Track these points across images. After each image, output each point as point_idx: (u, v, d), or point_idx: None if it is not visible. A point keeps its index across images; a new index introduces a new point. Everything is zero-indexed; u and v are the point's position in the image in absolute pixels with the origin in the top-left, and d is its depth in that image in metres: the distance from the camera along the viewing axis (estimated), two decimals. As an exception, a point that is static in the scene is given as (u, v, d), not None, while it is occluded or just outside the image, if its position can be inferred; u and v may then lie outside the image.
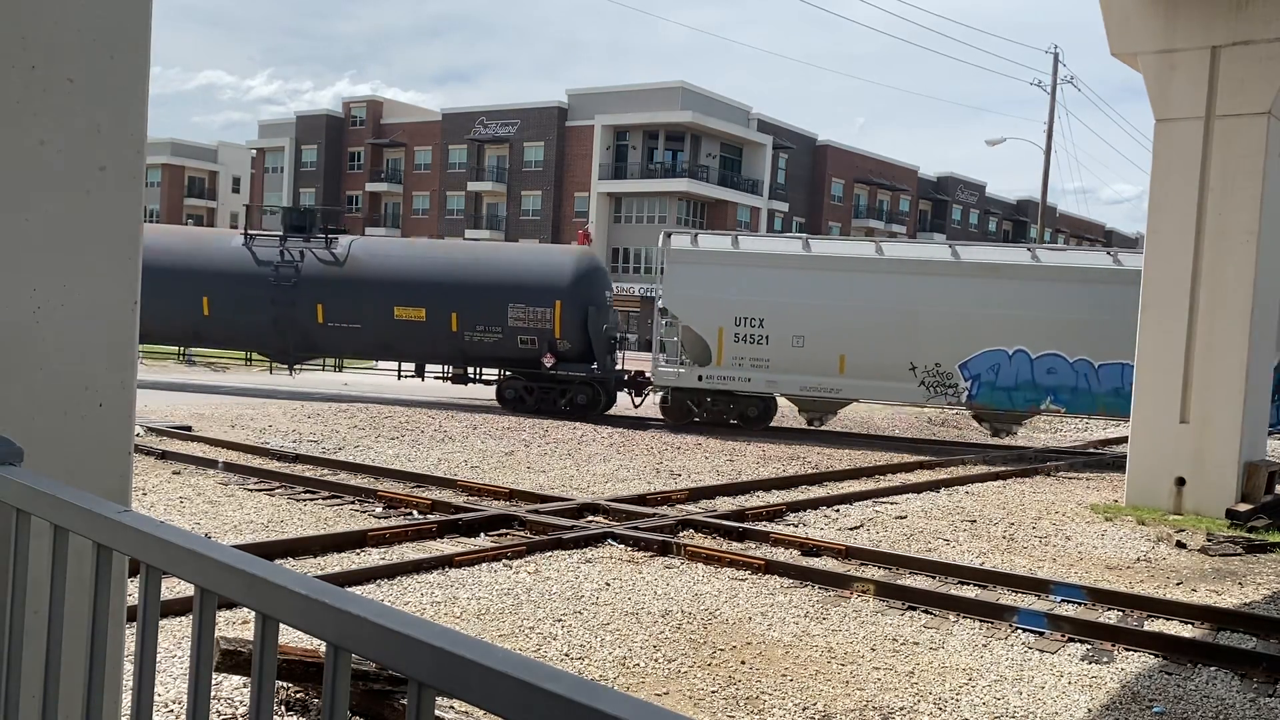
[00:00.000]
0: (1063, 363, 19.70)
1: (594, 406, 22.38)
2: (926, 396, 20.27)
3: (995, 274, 19.93)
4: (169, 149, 78.53)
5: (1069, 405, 19.86)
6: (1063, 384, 19.71)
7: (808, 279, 20.61)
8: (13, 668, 1.83)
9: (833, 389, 20.61)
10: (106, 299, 2.63)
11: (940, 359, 20.06)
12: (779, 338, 20.55)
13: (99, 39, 2.56)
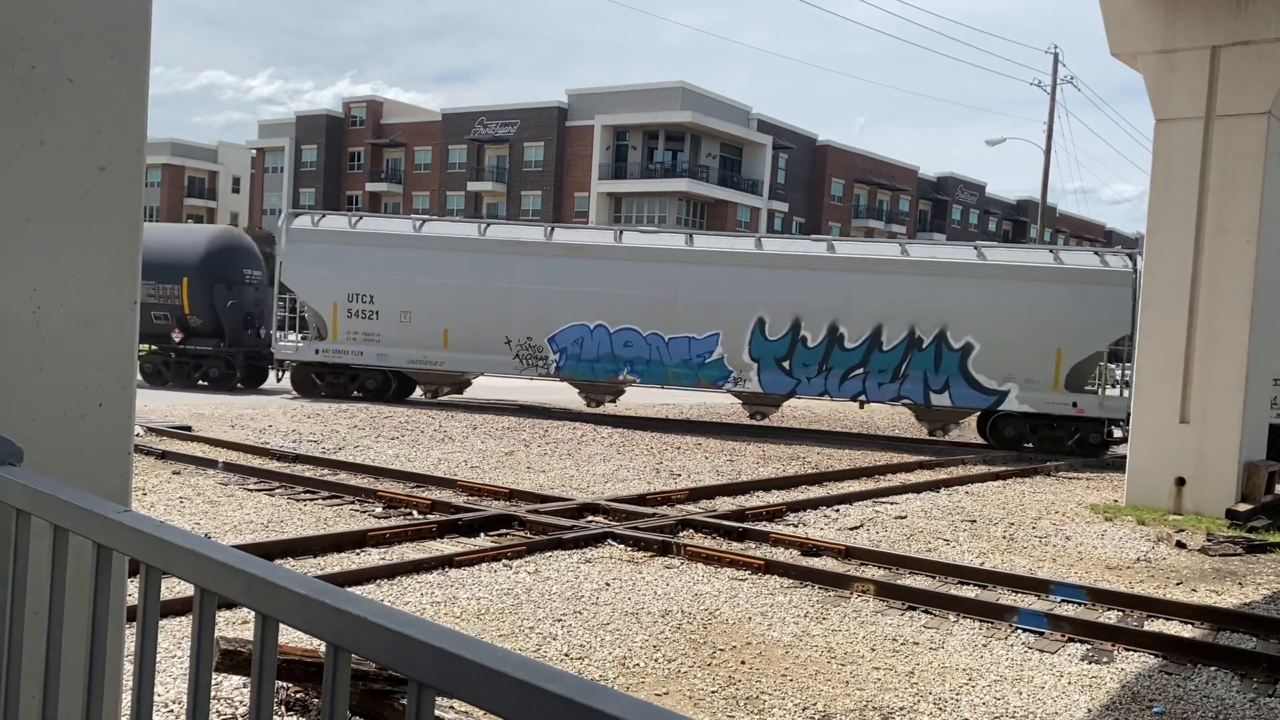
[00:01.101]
0: (637, 336, 21.68)
1: (228, 380, 24.37)
2: (519, 368, 22.15)
3: (580, 254, 21.74)
4: (169, 149, 78.50)
5: (643, 376, 21.84)
6: (638, 356, 21.71)
7: (415, 258, 22.13)
8: (13, 668, 1.83)
9: (437, 362, 22.40)
10: (106, 299, 2.63)
11: (531, 333, 21.91)
12: (388, 313, 22.15)
13: (99, 39, 2.56)
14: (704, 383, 21.55)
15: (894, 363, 20.49)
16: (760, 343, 21.08)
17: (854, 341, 20.64)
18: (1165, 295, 13.53)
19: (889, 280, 20.54)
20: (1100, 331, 19.66)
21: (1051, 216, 78.45)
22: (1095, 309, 19.49)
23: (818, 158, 70.04)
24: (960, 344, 20.17)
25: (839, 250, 21.25)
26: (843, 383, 20.77)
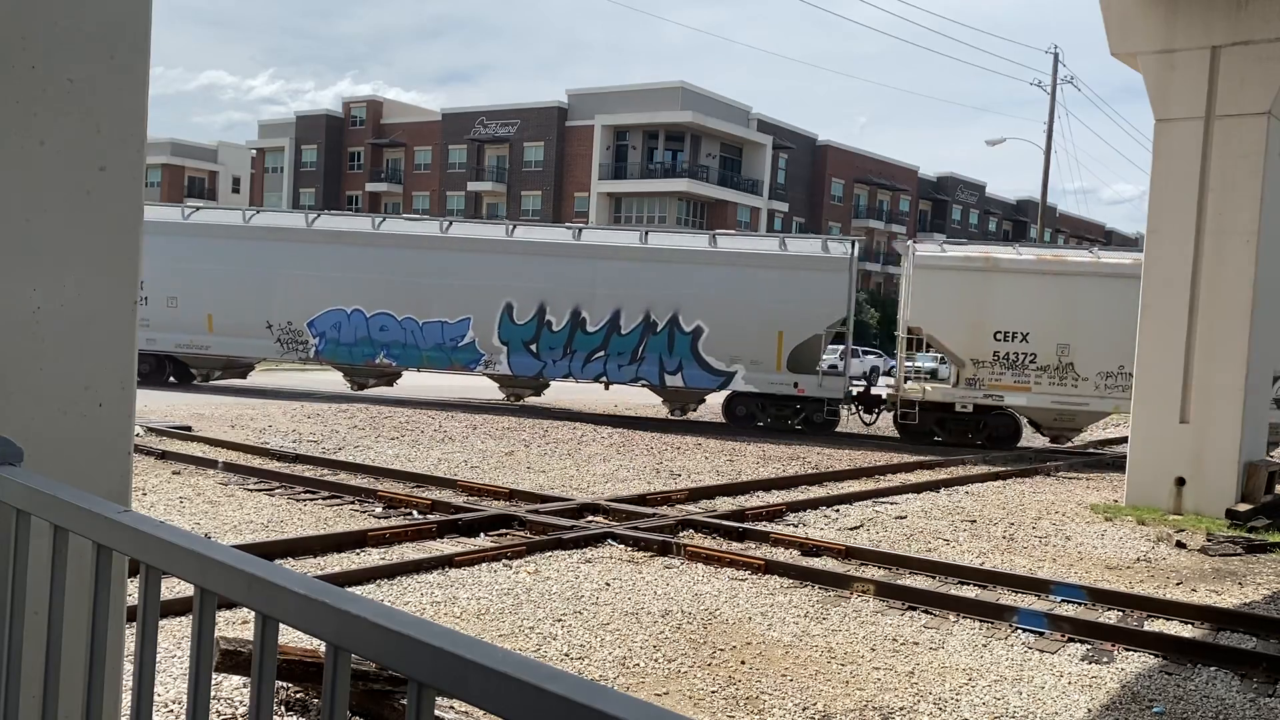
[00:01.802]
0: (393, 321, 22.53)
1: None
2: (281, 352, 22.89)
3: (338, 240, 22.46)
4: (169, 149, 78.46)
5: (399, 359, 22.67)
6: (394, 340, 22.55)
7: (182, 245, 22.78)
8: (13, 668, 1.83)
9: (204, 346, 23.12)
10: (106, 299, 2.63)
11: (292, 318, 22.64)
12: (156, 298, 22.63)
13: (99, 39, 2.56)
14: (457, 365, 22.56)
15: (632, 345, 21.57)
16: (509, 327, 22.08)
17: (595, 325, 21.68)
18: (1165, 295, 13.54)
19: (628, 266, 21.55)
20: (819, 315, 20.79)
21: (1051, 216, 78.45)
22: (815, 294, 20.69)
23: (818, 158, 70.04)
24: (691, 327, 21.32)
25: (583, 238, 22.28)
26: (585, 365, 21.80)
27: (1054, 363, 19.70)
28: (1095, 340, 19.32)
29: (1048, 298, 19.61)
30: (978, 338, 19.95)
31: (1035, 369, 19.71)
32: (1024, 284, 19.75)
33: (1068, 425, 20.24)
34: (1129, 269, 18.33)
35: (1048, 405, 19.82)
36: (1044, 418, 20.20)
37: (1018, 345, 19.81)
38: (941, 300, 20.01)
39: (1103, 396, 19.54)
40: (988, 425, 20.42)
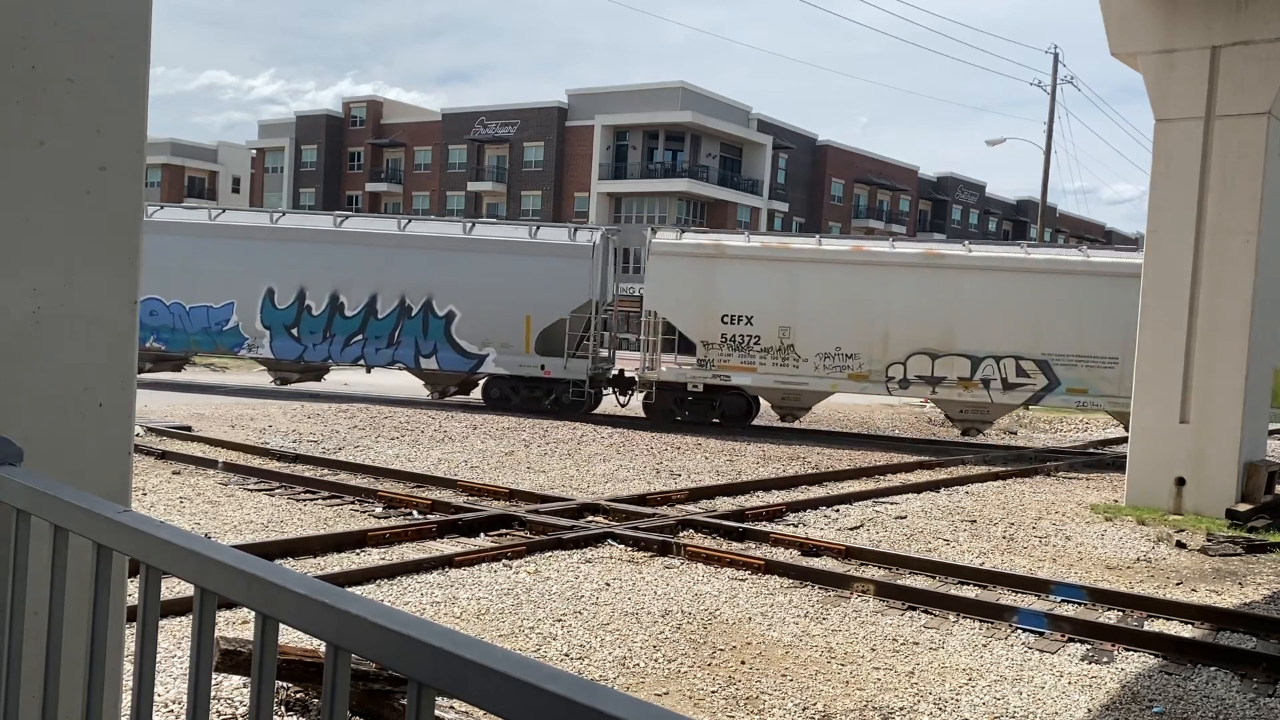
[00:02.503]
0: (161, 305, 23.27)
1: None
2: None
3: None
4: (169, 149, 78.48)
5: (169, 343, 23.43)
6: (163, 324, 23.26)
7: None
8: (13, 668, 1.83)
9: None
10: (106, 299, 2.63)
11: None
12: None
13: (99, 39, 2.56)
14: (222, 349, 23.39)
15: (388, 329, 22.49)
16: (270, 311, 22.92)
17: (353, 310, 22.59)
18: (1165, 295, 13.53)
19: (385, 253, 22.42)
20: (564, 300, 21.72)
21: (1051, 216, 78.45)
22: (561, 280, 21.68)
23: (818, 158, 70.04)
24: (444, 312, 22.28)
25: (343, 225, 23.05)
26: (345, 348, 22.72)
27: (776, 344, 20.69)
28: (814, 324, 20.49)
29: (771, 283, 20.68)
30: (707, 321, 20.90)
31: (760, 350, 20.71)
32: (749, 270, 20.83)
33: (794, 404, 21.17)
34: (846, 255, 20.60)
35: (772, 385, 20.86)
36: (771, 396, 21.26)
37: (743, 328, 20.82)
38: (675, 286, 21.08)
39: (821, 377, 20.62)
40: (721, 404, 21.43)
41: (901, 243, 21.47)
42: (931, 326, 20.02)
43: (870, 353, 20.31)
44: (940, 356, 20.04)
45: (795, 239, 22.68)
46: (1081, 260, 19.87)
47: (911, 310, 20.07)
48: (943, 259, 20.34)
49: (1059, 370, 19.60)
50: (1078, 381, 19.56)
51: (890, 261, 20.41)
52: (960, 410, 20.49)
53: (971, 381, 19.95)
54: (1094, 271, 19.38)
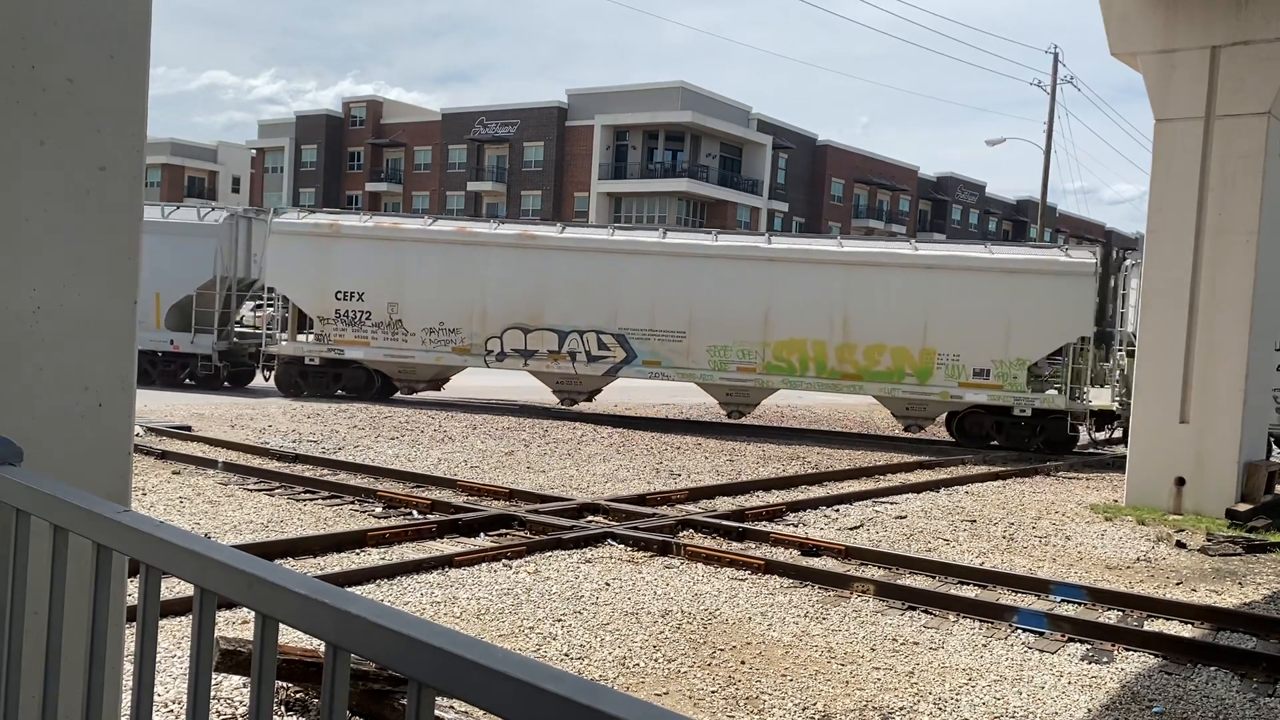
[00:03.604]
0: None
1: None
2: None
3: None
4: (169, 149, 78.46)
5: None
6: None
7: None
8: (13, 668, 1.83)
9: None
10: (106, 299, 2.63)
11: None
12: None
13: (99, 39, 2.56)
14: None
15: None
16: None
17: None
18: (1165, 295, 13.53)
19: None
20: (189, 278, 22.84)
21: (1051, 216, 78.43)
22: (186, 258, 22.72)
23: (818, 158, 70.03)
24: None
25: None
26: None
27: (386, 320, 21.98)
28: (419, 300, 21.77)
29: (381, 262, 21.89)
30: (323, 298, 22.11)
31: (371, 325, 22.01)
32: (362, 249, 22.06)
33: (409, 377, 22.37)
34: (449, 235, 21.82)
35: (383, 358, 22.10)
36: (388, 369, 22.29)
37: (355, 304, 22.07)
38: (293, 264, 22.21)
39: (428, 350, 21.91)
40: (344, 378, 22.66)
41: (505, 225, 22.93)
42: (523, 303, 21.60)
43: (470, 328, 21.75)
44: (532, 331, 21.59)
45: (406, 220, 23.55)
46: (655, 242, 21.61)
47: (505, 288, 21.62)
48: (534, 239, 21.87)
49: (635, 344, 21.20)
50: (652, 354, 21.20)
51: (487, 242, 21.79)
52: (557, 382, 21.80)
53: (559, 354, 21.50)
54: (667, 253, 21.17)
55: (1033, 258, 20.28)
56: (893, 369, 20.26)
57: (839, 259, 20.58)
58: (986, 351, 19.73)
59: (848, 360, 20.45)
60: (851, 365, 20.43)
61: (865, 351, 20.37)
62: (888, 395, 20.51)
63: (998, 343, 19.63)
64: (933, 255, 20.41)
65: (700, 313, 20.90)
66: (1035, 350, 19.63)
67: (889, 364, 20.28)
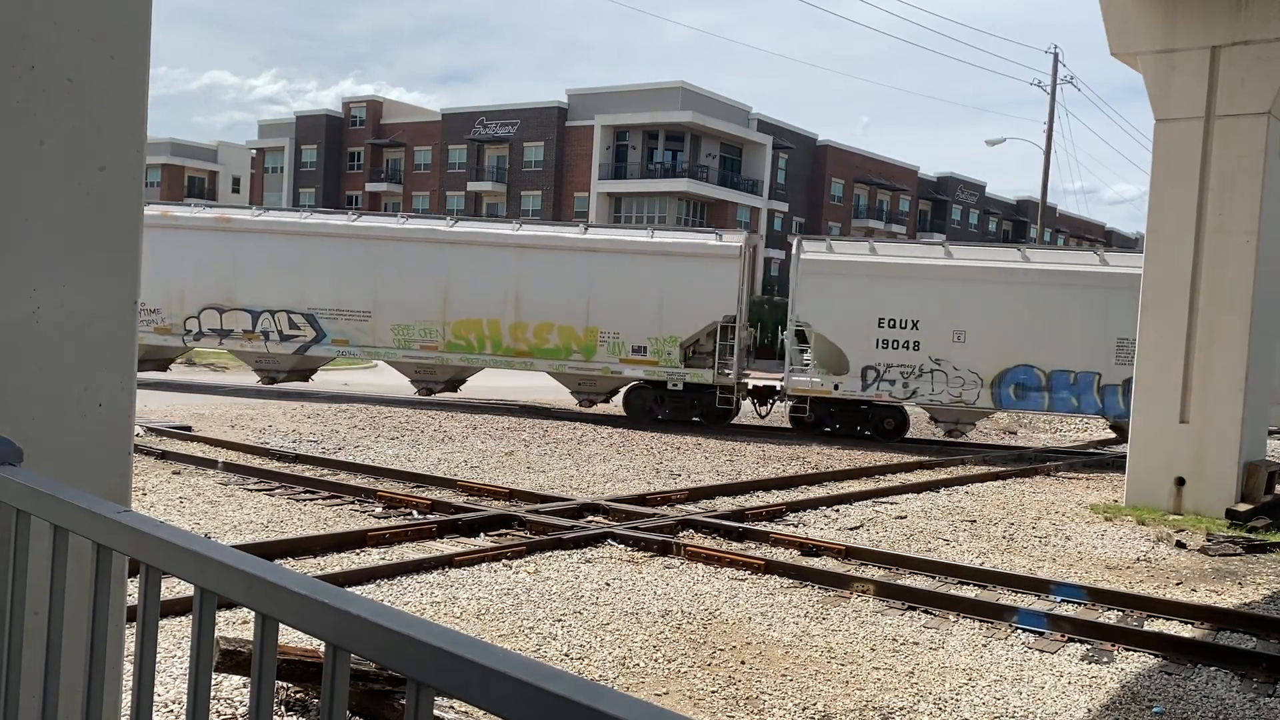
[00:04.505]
0: None
1: None
2: None
3: None
4: (169, 149, 78.43)
5: None
6: None
7: None
8: (13, 668, 1.83)
9: None
10: (106, 299, 2.63)
11: None
12: None
13: (99, 39, 2.56)
14: None
15: None
16: None
17: None
18: (1165, 295, 13.53)
19: None
20: None
21: (1051, 216, 78.44)
22: None
23: (818, 158, 70.02)
24: None
25: None
26: None
27: None
28: None
29: None
30: None
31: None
32: None
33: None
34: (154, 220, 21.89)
35: None
36: None
37: None
38: None
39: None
40: None
41: (205, 210, 23.98)
42: (220, 284, 22.67)
43: (170, 308, 22.78)
44: (227, 311, 22.76)
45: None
46: (341, 225, 22.76)
47: (202, 269, 22.60)
48: (230, 223, 22.95)
49: (324, 323, 22.36)
50: (340, 333, 22.32)
51: (185, 225, 22.88)
52: (256, 361, 23.12)
53: (254, 333, 22.61)
54: (352, 235, 22.28)
55: (684, 241, 21.77)
56: (560, 346, 21.51)
57: (512, 242, 21.80)
58: (643, 330, 21.11)
59: (520, 338, 21.73)
60: (524, 343, 21.71)
61: (536, 330, 21.63)
62: (558, 371, 21.79)
63: (653, 321, 21.03)
64: (596, 239, 21.71)
65: (384, 293, 21.99)
66: (686, 328, 20.96)
67: (557, 342, 21.50)
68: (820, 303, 20.10)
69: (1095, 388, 19.07)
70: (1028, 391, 19.37)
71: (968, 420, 20.30)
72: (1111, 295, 18.59)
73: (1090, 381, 19.10)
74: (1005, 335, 19.31)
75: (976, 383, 19.52)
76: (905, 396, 19.95)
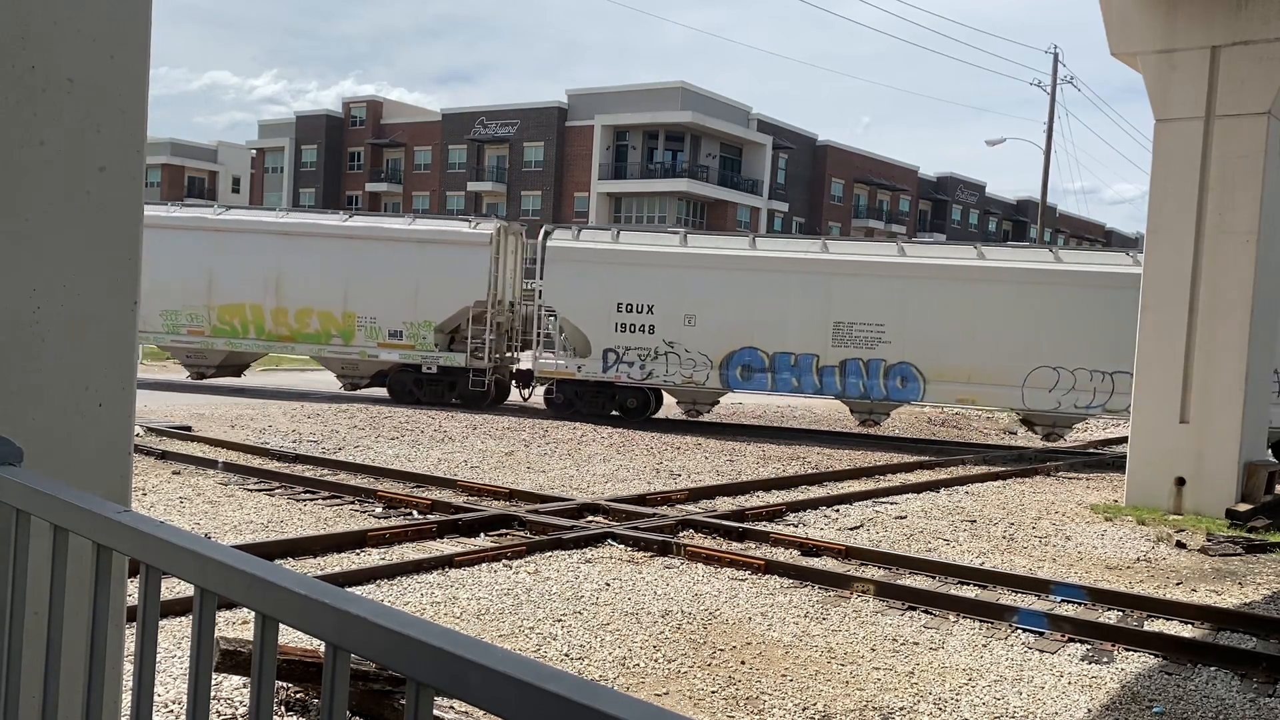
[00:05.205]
0: None
1: None
2: None
3: None
4: (169, 149, 78.45)
5: None
6: None
7: None
8: (13, 668, 1.83)
9: None
10: (106, 299, 2.63)
11: None
12: None
13: (99, 39, 2.56)
14: None
15: None
16: None
17: None
18: (1165, 295, 13.53)
19: None
20: None
21: (1051, 216, 78.44)
22: None
23: (818, 158, 70.03)
24: None
25: None
26: None
27: None
28: None
29: None
30: None
31: None
32: None
33: None
34: None
35: None
36: None
37: None
38: None
39: None
40: None
41: None
42: None
43: None
44: None
45: None
46: None
47: None
48: None
49: None
50: None
51: None
52: None
53: None
54: None
55: (437, 229, 22.70)
56: (320, 331, 22.21)
57: (274, 229, 22.42)
58: (400, 315, 21.90)
59: (282, 323, 22.36)
60: (286, 328, 22.38)
61: (296, 315, 22.34)
62: (319, 355, 22.53)
63: (409, 307, 21.81)
64: (354, 227, 22.44)
65: (152, 279, 22.75)
66: (440, 313, 21.79)
67: (317, 326, 22.23)
68: (565, 288, 21.03)
69: (814, 369, 20.09)
70: (753, 373, 20.37)
71: (704, 401, 21.15)
72: (833, 281, 19.89)
73: (810, 363, 20.10)
74: (731, 319, 20.33)
75: (706, 364, 20.53)
76: (643, 378, 20.87)
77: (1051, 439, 20.00)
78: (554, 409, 21.76)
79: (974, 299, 19.39)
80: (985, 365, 19.32)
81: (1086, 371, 19.03)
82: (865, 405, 20.16)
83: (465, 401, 22.14)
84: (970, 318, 19.41)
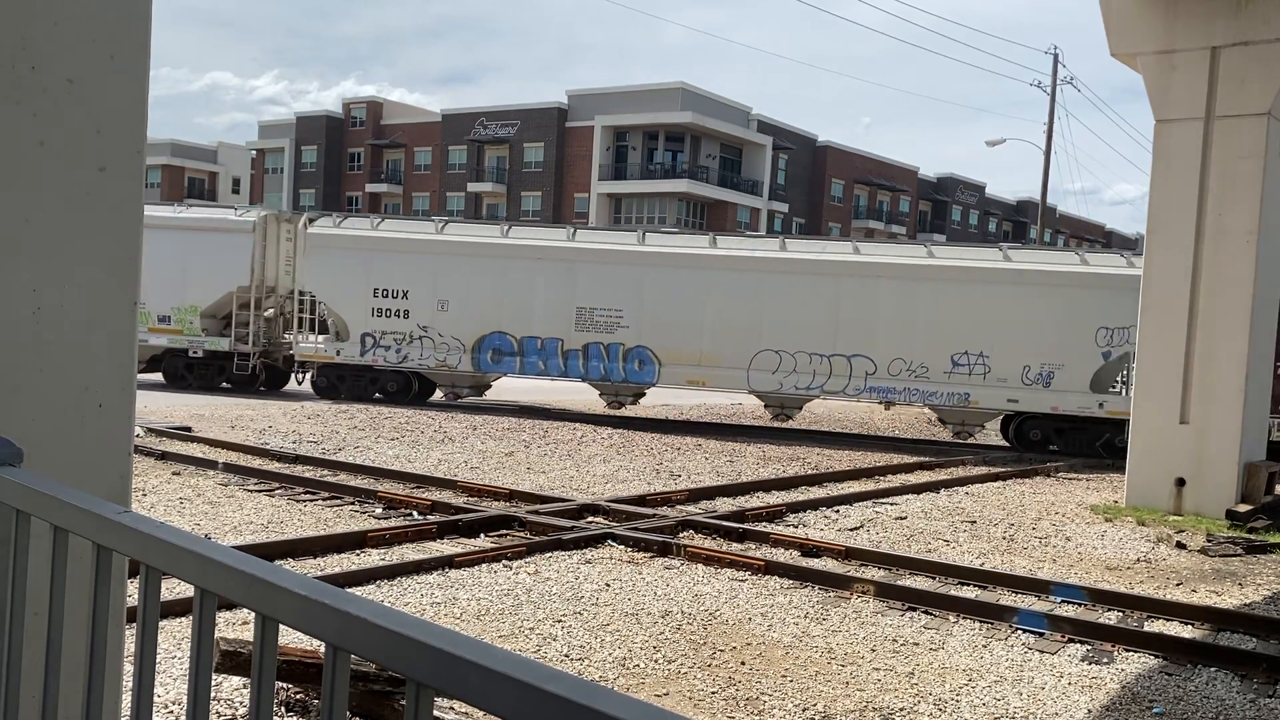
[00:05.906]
0: None
1: None
2: None
3: None
4: (169, 149, 78.40)
5: None
6: None
7: None
8: (13, 668, 1.83)
9: None
10: (106, 299, 2.63)
11: None
12: None
13: (99, 39, 2.56)
14: None
15: None
16: None
17: None
18: (1165, 295, 13.53)
19: None
20: None
21: (1052, 217, 78.44)
22: None
23: (818, 158, 70.03)
24: None
25: None
26: None
27: None
28: None
29: None
30: None
31: None
32: None
33: None
34: None
35: None
36: None
37: None
38: None
39: None
40: None
41: None
42: None
43: None
44: None
45: None
46: None
47: None
48: None
49: None
50: None
51: None
52: None
53: None
54: None
55: (201, 217, 23.64)
56: None
57: None
58: (168, 300, 22.56)
59: None
60: None
61: None
62: None
63: (176, 292, 22.53)
64: None
65: None
66: (205, 298, 22.74)
67: None
68: (324, 274, 21.76)
69: (560, 352, 20.88)
70: (503, 356, 21.17)
71: (462, 384, 21.81)
72: (576, 268, 20.77)
73: (555, 347, 20.89)
74: (483, 305, 21.04)
75: (460, 348, 21.26)
76: (399, 361, 21.62)
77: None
78: (319, 392, 22.47)
79: (703, 286, 20.30)
80: (714, 349, 20.26)
81: (806, 355, 19.90)
82: (610, 387, 20.97)
83: (235, 385, 22.88)
84: (700, 304, 20.32)
